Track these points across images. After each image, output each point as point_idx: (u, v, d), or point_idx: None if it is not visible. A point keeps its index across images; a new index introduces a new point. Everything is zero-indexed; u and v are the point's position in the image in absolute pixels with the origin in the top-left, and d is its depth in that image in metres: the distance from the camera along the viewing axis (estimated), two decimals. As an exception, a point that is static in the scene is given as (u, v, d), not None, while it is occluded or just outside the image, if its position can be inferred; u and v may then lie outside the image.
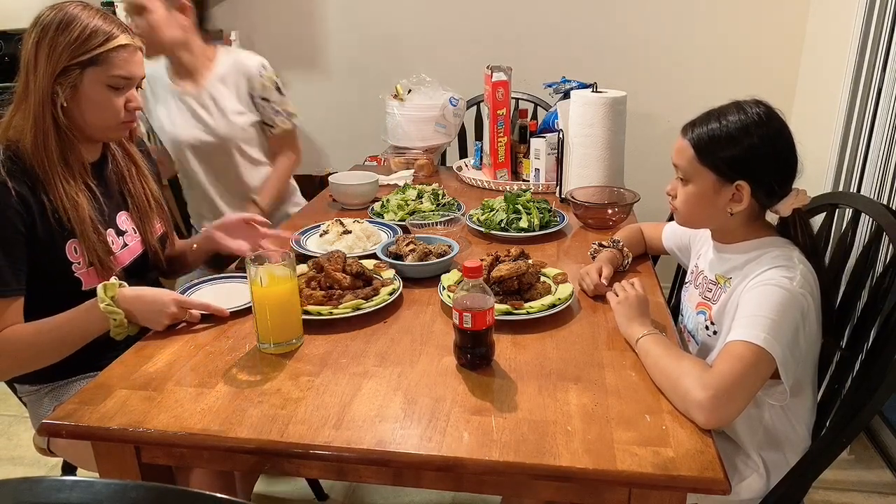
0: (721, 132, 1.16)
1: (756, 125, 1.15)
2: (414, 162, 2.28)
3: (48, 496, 0.52)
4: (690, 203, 1.23)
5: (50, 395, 1.37)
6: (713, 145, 1.16)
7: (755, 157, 1.15)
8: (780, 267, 1.13)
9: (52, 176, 1.24)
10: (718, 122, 1.16)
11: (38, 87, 1.22)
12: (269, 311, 1.16)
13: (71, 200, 1.26)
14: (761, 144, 1.14)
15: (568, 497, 0.97)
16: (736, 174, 1.16)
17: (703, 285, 1.31)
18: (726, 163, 1.16)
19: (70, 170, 1.28)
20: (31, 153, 1.24)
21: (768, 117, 1.16)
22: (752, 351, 1.03)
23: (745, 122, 1.15)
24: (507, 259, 1.38)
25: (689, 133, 1.20)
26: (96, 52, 1.24)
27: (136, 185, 1.45)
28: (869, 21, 2.02)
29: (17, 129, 1.25)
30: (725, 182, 1.17)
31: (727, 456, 1.22)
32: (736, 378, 1.00)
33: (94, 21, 1.24)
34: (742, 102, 1.18)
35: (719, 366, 1.02)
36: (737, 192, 1.17)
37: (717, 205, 1.19)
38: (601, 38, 2.82)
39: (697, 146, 1.18)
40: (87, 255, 1.29)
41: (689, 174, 1.21)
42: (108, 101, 1.28)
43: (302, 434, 0.96)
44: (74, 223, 1.27)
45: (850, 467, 2.06)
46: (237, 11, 3.03)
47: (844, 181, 2.13)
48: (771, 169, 1.16)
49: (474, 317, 1.09)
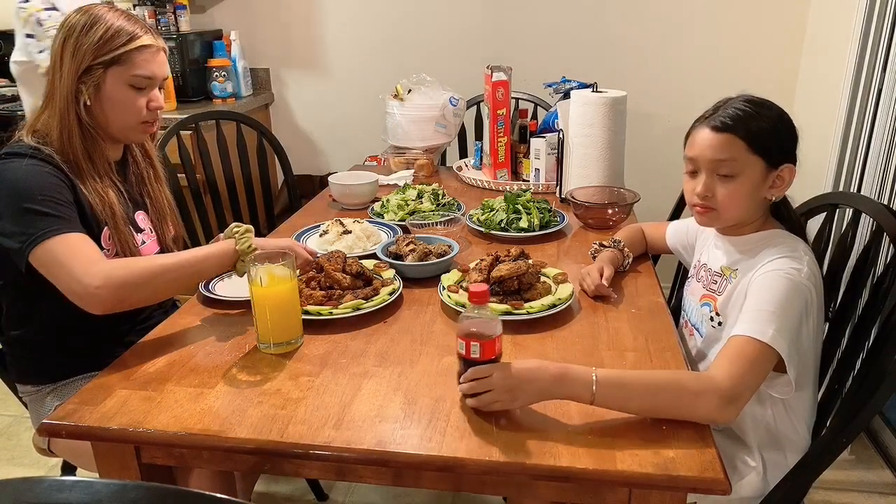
0: (763, 122, 1.17)
1: (780, 113, 1.19)
2: (414, 162, 2.28)
3: (48, 496, 0.52)
4: (739, 196, 1.19)
5: (51, 394, 1.37)
6: (763, 134, 1.17)
7: (794, 141, 1.20)
8: (789, 258, 1.14)
9: (80, 171, 1.27)
10: (753, 111, 1.18)
11: (63, 86, 1.26)
12: (269, 312, 1.16)
13: (98, 193, 1.29)
14: (794, 130, 1.20)
15: (568, 497, 0.97)
16: (784, 158, 1.18)
17: (707, 278, 1.31)
18: (778, 149, 1.18)
19: (95, 167, 1.30)
20: (58, 150, 1.26)
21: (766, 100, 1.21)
22: (757, 348, 1.03)
23: (775, 110, 1.19)
24: (506, 259, 1.38)
25: (728, 128, 1.17)
26: (119, 51, 1.26)
27: (155, 187, 1.48)
28: (869, 21, 2.02)
29: (45, 126, 1.28)
30: (772, 169, 1.19)
31: (726, 454, 1.22)
32: (744, 377, 1.01)
33: (118, 22, 1.27)
34: (745, 95, 1.21)
35: (727, 368, 1.01)
36: (779, 178, 1.19)
37: (761, 194, 1.21)
38: (601, 38, 2.82)
39: (748, 136, 1.17)
40: (118, 246, 1.31)
41: (737, 168, 1.18)
42: (130, 100, 1.30)
43: (302, 434, 0.96)
44: (107, 216, 1.29)
45: (850, 467, 2.06)
46: (237, 11, 3.03)
47: (844, 181, 2.13)
48: (794, 143, 1.21)
49: (482, 346, 0.99)
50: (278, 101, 3.14)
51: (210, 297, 1.36)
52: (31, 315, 1.26)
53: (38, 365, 1.38)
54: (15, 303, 1.34)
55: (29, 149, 1.23)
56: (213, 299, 1.36)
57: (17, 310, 1.34)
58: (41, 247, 1.15)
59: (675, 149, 1.36)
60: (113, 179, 1.34)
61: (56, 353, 1.36)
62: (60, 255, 1.15)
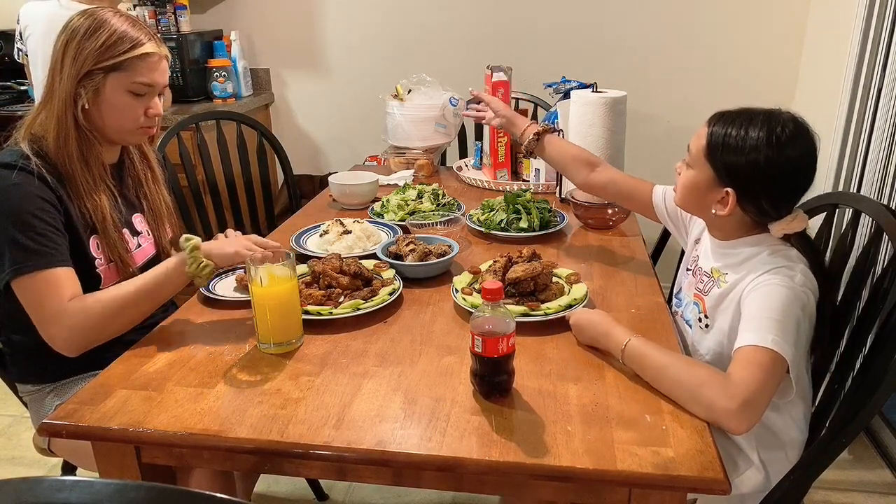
0: (735, 139, 1.16)
1: (768, 145, 1.13)
2: (414, 162, 2.28)
3: (48, 496, 0.52)
4: (687, 188, 1.26)
5: (51, 394, 1.37)
6: (722, 147, 1.17)
7: (752, 173, 1.15)
8: (782, 267, 1.14)
9: (74, 174, 1.27)
10: (740, 128, 1.16)
11: (62, 89, 1.25)
12: (270, 312, 1.16)
13: (91, 199, 1.29)
14: (764, 164, 1.13)
15: (568, 497, 0.97)
16: (728, 181, 1.17)
17: (699, 276, 1.32)
18: (724, 167, 1.17)
19: (90, 170, 1.30)
20: (54, 152, 1.26)
21: (787, 141, 1.13)
22: (767, 356, 1.03)
23: (759, 138, 1.13)
24: (520, 260, 1.38)
25: (711, 125, 1.20)
26: (121, 58, 1.26)
27: (152, 189, 1.47)
28: (869, 21, 2.02)
29: (42, 127, 1.28)
30: (719, 184, 1.19)
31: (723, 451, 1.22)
32: (759, 385, 1.00)
33: (122, 27, 1.26)
34: (774, 116, 1.16)
35: (740, 373, 1.02)
36: (724, 197, 1.18)
37: (706, 201, 1.22)
38: (601, 38, 2.82)
39: (710, 141, 1.19)
40: (108, 252, 1.32)
41: (694, 161, 1.23)
42: (129, 106, 1.30)
43: (302, 434, 0.96)
44: (97, 221, 1.29)
45: (850, 467, 2.06)
46: (237, 11, 3.03)
47: (844, 181, 2.13)
48: (764, 190, 1.16)
49: (495, 342, 1.01)
50: (278, 101, 3.14)
51: (210, 297, 1.36)
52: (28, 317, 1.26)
53: (39, 365, 1.37)
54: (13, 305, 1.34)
55: (19, 157, 1.22)
56: (213, 299, 1.36)
57: (17, 312, 1.34)
58: (17, 281, 1.19)
59: (676, 149, 1.36)
60: (107, 183, 1.34)
61: (56, 353, 1.35)
62: (34, 294, 1.19)
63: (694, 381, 1.02)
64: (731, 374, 1.03)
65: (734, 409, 0.97)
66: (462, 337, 1.22)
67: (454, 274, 1.46)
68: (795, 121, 1.16)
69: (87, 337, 1.20)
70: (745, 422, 0.98)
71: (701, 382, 1.01)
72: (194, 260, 1.24)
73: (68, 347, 1.20)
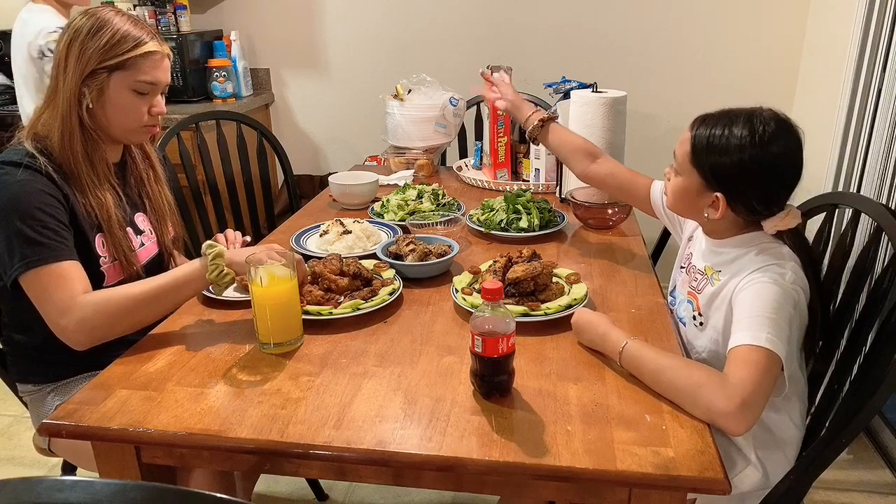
0: (718, 141, 1.15)
1: (752, 144, 1.13)
2: (414, 162, 2.28)
3: (48, 496, 0.52)
4: (677, 195, 1.26)
5: (51, 394, 1.37)
6: (706, 150, 1.17)
7: (738, 173, 1.15)
8: (772, 265, 1.14)
9: (79, 173, 1.28)
10: (722, 130, 1.15)
11: (67, 89, 1.25)
12: (270, 312, 1.16)
13: (97, 198, 1.29)
14: (750, 164, 1.13)
15: (568, 497, 0.97)
16: (716, 185, 1.17)
17: (692, 274, 1.32)
18: (711, 170, 1.17)
19: (95, 169, 1.30)
20: (58, 151, 1.27)
21: (770, 138, 1.13)
22: (762, 354, 1.03)
23: (743, 137, 1.13)
24: (520, 260, 1.38)
25: (694, 129, 1.20)
26: (124, 57, 1.26)
27: (154, 188, 1.48)
28: (869, 21, 2.02)
29: (46, 126, 1.28)
30: (708, 188, 1.19)
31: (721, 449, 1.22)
32: (756, 384, 1.00)
33: (125, 27, 1.27)
34: (756, 114, 1.15)
35: (737, 374, 1.02)
36: (715, 201, 1.18)
37: (698, 206, 1.22)
38: (601, 38, 2.82)
39: (693, 146, 1.19)
40: (112, 251, 1.32)
41: (681, 168, 1.23)
42: (133, 105, 1.30)
43: (302, 434, 0.96)
44: (102, 219, 1.30)
45: (850, 467, 2.06)
46: (237, 11, 3.03)
47: (844, 181, 2.13)
48: (752, 189, 1.16)
49: (495, 341, 1.01)
50: (278, 101, 3.15)
51: (210, 298, 1.36)
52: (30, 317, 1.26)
53: (39, 364, 1.38)
54: (15, 305, 1.34)
55: (25, 156, 1.23)
56: (214, 299, 1.36)
57: (18, 312, 1.34)
58: (26, 275, 1.17)
59: (675, 149, 1.36)
60: (111, 182, 1.34)
61: (56, 352, 1.35)
62: (44, 287, 1.18)
63: (691, 383, 1.01)
64: (727, 374, 1.02)
65: (733, 410, 0.97)
66: (462, 337, 1.22)
67: (454, 274, 1.46)
68: (777, 117, 1.16)
69: (97, 332, 1.19)
70: (745, 422, 0.98)
71: (698, 385, 1.00)
72: (216, 267, 1.23)
73: (77, 340, 1.19)
